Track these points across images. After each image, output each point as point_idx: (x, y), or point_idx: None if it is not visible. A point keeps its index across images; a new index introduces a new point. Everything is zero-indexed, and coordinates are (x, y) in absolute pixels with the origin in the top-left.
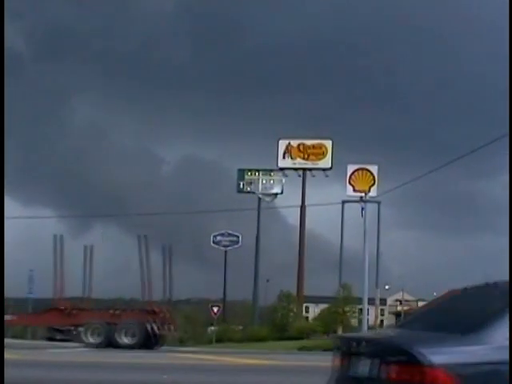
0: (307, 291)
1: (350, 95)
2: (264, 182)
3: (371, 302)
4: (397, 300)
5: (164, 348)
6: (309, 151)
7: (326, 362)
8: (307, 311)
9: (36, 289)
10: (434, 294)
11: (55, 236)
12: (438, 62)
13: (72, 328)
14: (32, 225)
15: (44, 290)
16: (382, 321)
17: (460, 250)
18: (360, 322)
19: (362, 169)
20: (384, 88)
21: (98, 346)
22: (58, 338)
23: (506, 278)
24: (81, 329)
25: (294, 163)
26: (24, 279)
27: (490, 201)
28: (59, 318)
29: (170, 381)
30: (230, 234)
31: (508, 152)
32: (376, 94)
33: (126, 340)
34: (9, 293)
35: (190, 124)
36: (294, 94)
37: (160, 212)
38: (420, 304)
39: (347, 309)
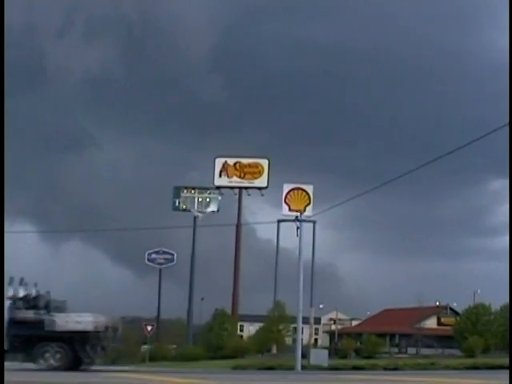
0: (242, 310)
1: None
2: (200, 200)
3: (305, 320)
4: (331, 319)
5: (94, 367)
6: (245, 170)
7: (260, 381)
8: (242, 330)
9: None
10: (368, 313)
11: None
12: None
13: None
14: None
15: None
16: (316, 340)
17: (394, 271)
18: (294, 340)
19: (298, 188)
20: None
21: None
22: None
23: (437, 299)
24: None
25: (230, 181)
26: None
27: (424, 224)
28: None
29: None
30: (164, 252)
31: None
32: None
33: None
34: None
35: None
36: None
37: (93, 229)
38: (354, 323)
39: (281, 327)
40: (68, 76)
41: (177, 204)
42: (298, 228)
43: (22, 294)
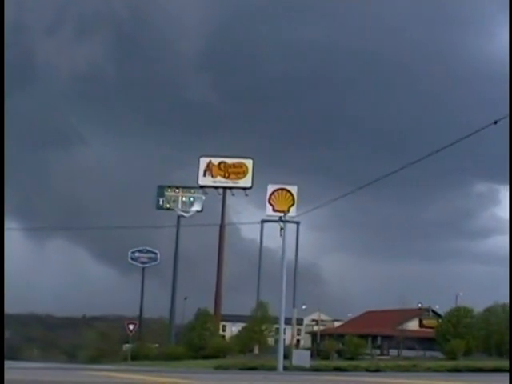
0: (225, 310)
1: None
2: (184, 199)
3: (288, 321)
4: (313, 320)
5: (76, 366)
6: (229, 170)
7: (241, 380)
8: (224, 330)
9: None
10: (350, 314)
11: None
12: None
13: None
14: None
15: None
16: (298, 340)
17: (377, 273)
18: (276, 341)
19: (282, 189)
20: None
21: None
22: None
23: (418, 302)
24: None
25: (215, 181)
26: None
27: (407, 226)
28: None
29: None
30: (148, 251)
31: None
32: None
33: None
34: None
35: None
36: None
37: (76, 227)
38: (336, 324)
39: (264, 328)
40: (57, 73)
41: (160, 203)
42: (281, 228)
43: None
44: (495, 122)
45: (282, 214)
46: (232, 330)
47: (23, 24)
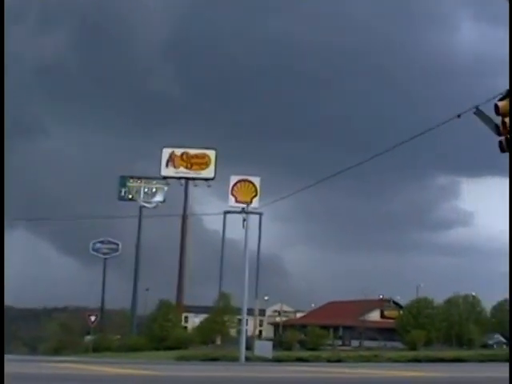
0: (188, 301)
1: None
2: (146, 190)
3: (250, 312)
4: (275, 311)
5: (37, 358)
6: (192, 160)
7: (203, 372)
8: (186, 321)
9: None
10: (312, 305)
11: None
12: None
13: None
14: None
15: None
16: (260, 331)
17: (339, 264)
18: (239, 332)
19: (245, 180)
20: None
21: None
22: None
23: (380, 293)
24: None
25: (177, 172)
26: None
27: (369, 218)
28: None
29: None
30: (109, 242)
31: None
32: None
33: None
34: None
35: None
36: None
37: (37, 218)
38: (298, 315)
39: (226, 319)
40: (19, 63)
41: (122, 193)
42: (244, 220)
43: None
44: (458, 116)
45: (245, 205)
46: (194, 321)
47: None
